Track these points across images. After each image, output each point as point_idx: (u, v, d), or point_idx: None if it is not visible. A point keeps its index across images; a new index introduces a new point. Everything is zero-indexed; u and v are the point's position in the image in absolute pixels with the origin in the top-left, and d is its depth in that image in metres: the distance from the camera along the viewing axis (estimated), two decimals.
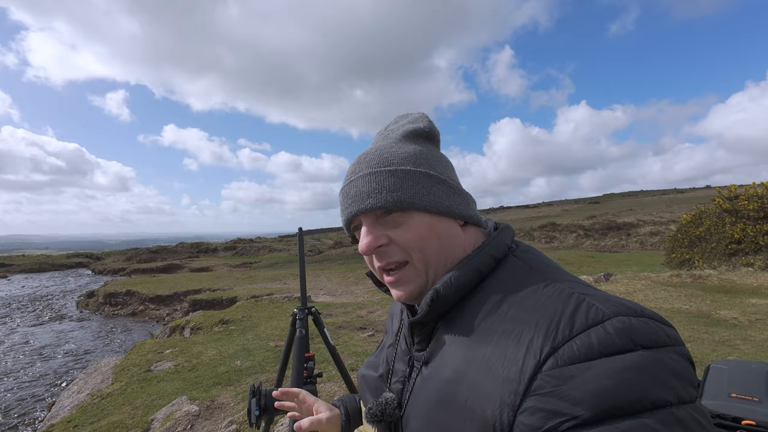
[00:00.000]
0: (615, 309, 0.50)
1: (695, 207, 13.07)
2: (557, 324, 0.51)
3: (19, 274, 32.71)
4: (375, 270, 0.69)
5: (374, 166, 0.65)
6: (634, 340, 0.47)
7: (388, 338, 0.84)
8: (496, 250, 0.65)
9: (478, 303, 0.61)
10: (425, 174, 0.65)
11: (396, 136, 0.71)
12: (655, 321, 0.50)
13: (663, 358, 0.47)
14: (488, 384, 0.52)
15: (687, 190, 59.55)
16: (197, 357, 5.49)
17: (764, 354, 4.33)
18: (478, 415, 0.52)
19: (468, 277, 0.62)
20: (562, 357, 0.48)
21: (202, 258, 35.55)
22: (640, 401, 0.44)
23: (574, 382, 0.46)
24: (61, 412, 4.49)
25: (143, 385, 4.65)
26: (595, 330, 0.48)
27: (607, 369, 0.45)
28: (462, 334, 0.60)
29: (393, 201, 0.63)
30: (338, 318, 7.42)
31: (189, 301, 13.31)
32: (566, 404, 0.45)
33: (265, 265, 25.42)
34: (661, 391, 0.45)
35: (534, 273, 0.61)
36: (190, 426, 3.48)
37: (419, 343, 0.68)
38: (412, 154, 0.67)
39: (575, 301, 0.53)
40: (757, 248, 10.25)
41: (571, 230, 26.14)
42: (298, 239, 2.06)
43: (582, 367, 0.46)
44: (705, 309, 6.49)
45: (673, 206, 30.33)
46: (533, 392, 0.48)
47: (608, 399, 0.44)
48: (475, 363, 0.55)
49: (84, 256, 42.46)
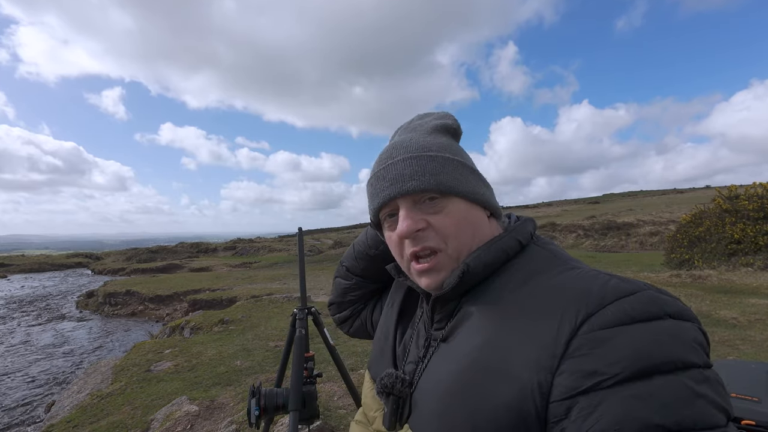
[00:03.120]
0: (644, 285, 0.54)
1: (695, 207, 13.07)
2: (589, 294, 0.53)
3: (18, 274, 32.68)
4: (402, 258, 0.69)
5: (413, 152, 0.66)
6: (665, 310, 0.51)
7: (389, 316, 0.83)
8: (522, 236, 0.67)
9: (505, 281, 0.62)
10: (461, 163, 0.68)
11: (425, 129, 0.71)
12: (679, 300, 0.55)
13: (690, 329, 0.51)
14: (523, 349, 0.53)
15: (687, 190, 59.61)
16: (197, 357, 5.48)
17: (764, 354, 4.33)
18: (514, 378, 0.53)
19: (496, 256, 0.64)
20: (597, 322, 0.50)
21: (202, 258, 35.54)
22: (673, 361, 0.47)
23: (611, 343, 0.49)
24: (60, 412, 4.49)
25: (143, 385, 4.65)
26: (627, 299, 0.52)
27: (641, 332, 0.49)
28: (489, 307, 0.61)
29: (435, 184, 0.64)
30: None
31: (189, 301, 13.30)
32: (603, 364, 0.48)
33: (265, 265, 25.42)
34: (690, 355, 0.48)
35: (557, 259, 0.64)
36: (190, 426, 3.48)
37: (439, 321, 0.68)
38: (446, 144, 0.69)
39: (604, 278, 0.56)
40: (757, 248, 10.25)
41: (571, 230, 26.16)
42: (297, 239, 2.05)
43: (616, 330, 0.49)
44: (705, 309, 6.49)
45: (672, 206, 30.36)
46: (570, 355, 0.50)
47: (643, 359, 0.47)
48: (505, 330, 0.57)
49: (83, 256, 42.40)
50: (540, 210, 53.15)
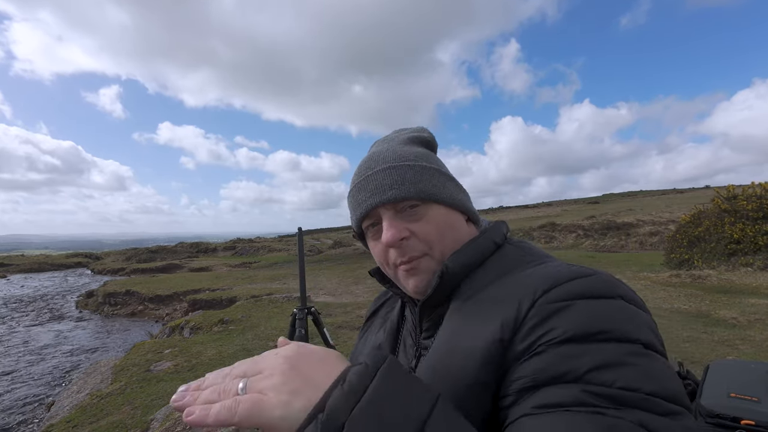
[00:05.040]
0: (604, 272, 0.58)
1: (694, 207, 13.08)
2: (549, 277, 0.57)
3: (18, 273, 32.65)
4: (388, 265, 0.70)
5: (391, 161, 0.69)
6: (617, 291, 0.54)
7: (377, 336, 0.82)
8: (496, 236, 0.71)
9: (481, 278, 0.65)
10: (438, 170, 0.71)
11: (401, 139, 0.75)
12: (636, 294, 0.57)
13: (641, 313, 0.54)
14: (488, 328, 0.56)
15: (686, 190, 59.61)
16: (197, 357, 5.49)
17: (763, 354, 4.34)
18: (478, 349, 0.55)
19: (473, 257, 0.67)
20: (552, 296, 0.54)
21: (202, 258, 35.52)
22: (614, 332, 0.49)
23: (561, 313, 0.52)
24: (60, 412, 4.49)
25: (143, 385, 4.65)
26: (583, 279, 0.55)
27: (591, 305, 0.52)
28: (464, 302, 0.63)
29: (416, 192, 0.66)
30: (338, 318, 7.42)
31: (188, 300, 13.29)
32: (550, 328, 0.51)
33: (265, 265, 25.42)
34: (636, 331, 0.50)
35: (529, 255, 0.68)
36: (190, 426, 3.48)
37: (427, 329, 0.69)
38: (423, 154, 0.72)
39: (567, 266, 0.60)
40: (756, 248, 10.26)
41: (571, 230, 26.16)
42: (297, 239, 2.06)
43: (568, 303, 0.53)
44: (704, 309, 6.50)
45: (672, 206, 30.37)
46: (524, 325, 0.53)
47: (586, 326, 0.50)
48: (475, 318, 0.59)
49: (83, 256, 42.38)
50: (540, 210, 53.14)
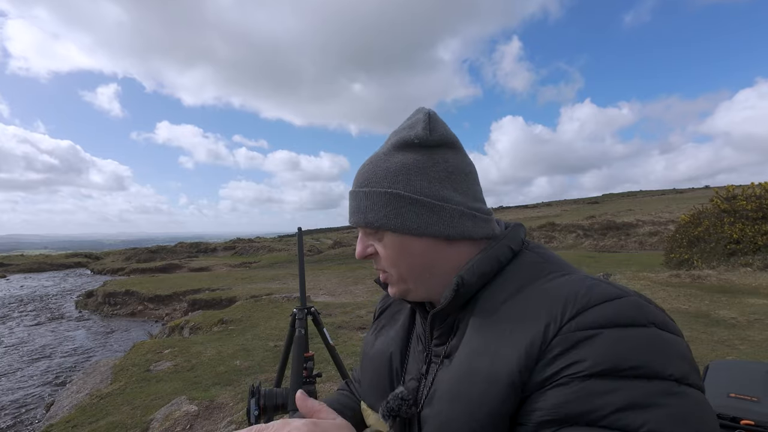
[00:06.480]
0: (633, 292, 0.55)
1: (693, 207, 13.08)
2: (575, 297, 0.54)
3: (17, 273, 32.64)
4: None
5: (357, 186, 0.70)
6: (649, 318, 0.51)
7: (390, 330, 0.81)
8: (513, 243, 0.68)
9: (500, 289, 0.63)
10: (396, 195, 0.65)
11: (387, 147, 0.70)
12: (665, 313, 0.55)
13: (675, 340, 0.51)
14: (510, 352, 0.54)
15: (686, 190, 59.61)
16: (196, 357, 5.48)
17: (763, 354, 4.34)
18: (502, 376, 0.54)
19: (489, 265, 0.64)
20: (580, 323, 0.51)
21: (202, 258, 35.53)
22: (644, 368, 0.47)
23: (588, 343, 0.50)
24: (60, 412, 4.49)
25: (142, 385, 4.65)
26: (612, 303, 0.52)
27: (621, 334, 0.50)
28: (484, 316, 0.62)
29: (364, 222, 0.68)
30: (338, 318, 7.42)
31: (188, 300, 13.29)
32: (577, 360, 0.49)
33: (265, 265, 25.42)
34: (668, 365, 0.48)
35: (548, 264, 0.64)
36: (189, 426, 3.48)
37: (439, 337, 0.68)
38: (393, 170, 0.66)
39: (592, 282, 0.57)
40: (756, 248, 10.26)
41: (571, 230, 26.17)
42: (297, 239, 2.06)
43: (597, 332, 0.50)
44: (704, 309, 6.50)
45: (672, 206, 30.37)
46: (549, 352, 0.51)
47: (614, 360, 0.48)
48: (496, 337, 0.58)
49: (83, 256, 42.38)
50: (540, 210, 53.10)
